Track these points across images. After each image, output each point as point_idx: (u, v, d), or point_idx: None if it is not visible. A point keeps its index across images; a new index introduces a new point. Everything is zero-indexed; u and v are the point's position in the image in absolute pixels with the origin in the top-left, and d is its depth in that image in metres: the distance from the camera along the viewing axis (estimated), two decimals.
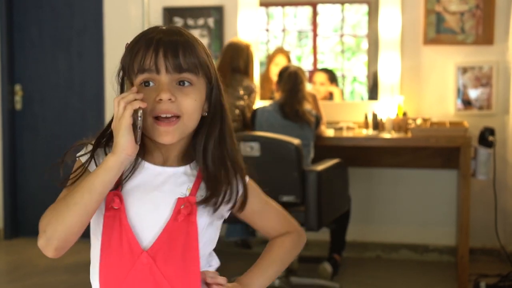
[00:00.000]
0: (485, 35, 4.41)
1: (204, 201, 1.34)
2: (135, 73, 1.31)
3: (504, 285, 3.83)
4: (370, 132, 4.30)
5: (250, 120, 4.03)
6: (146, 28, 4.06)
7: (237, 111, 4.01)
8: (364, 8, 5.00)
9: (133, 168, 1.34)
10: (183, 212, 1.32)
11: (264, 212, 1.49)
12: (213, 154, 1.36)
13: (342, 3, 5.01)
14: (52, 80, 5.14)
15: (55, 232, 1.25)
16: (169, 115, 1.29)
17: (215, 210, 1.36)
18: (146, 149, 1.36)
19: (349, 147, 4.30)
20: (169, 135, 1.30)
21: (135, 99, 1.26)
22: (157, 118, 1.30)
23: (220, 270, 1.44)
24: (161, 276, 1.30)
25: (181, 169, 1.37)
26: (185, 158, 1.38)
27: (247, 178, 1.43)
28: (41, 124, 5.17)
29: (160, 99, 1.28)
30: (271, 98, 4.64)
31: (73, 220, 1.25)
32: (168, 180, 1.35)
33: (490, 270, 4.16)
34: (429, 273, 4.27)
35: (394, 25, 4.52)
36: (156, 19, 4.81)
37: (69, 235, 1.25)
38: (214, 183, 1.35)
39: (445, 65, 4.50)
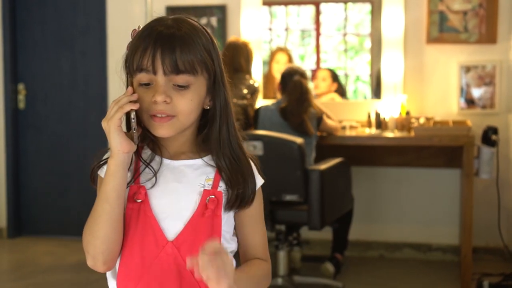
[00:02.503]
0: (488, 34, 4.41)
1: (232, 201, 1.37)
2: (134, 70, 1.33)
3: (507, 284, 3.82)
4: (373, 131, 4.30)
5: (252, 119, 4.03)
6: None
7: (239, 110, 4.01)
8: (367, 7, 5.00)
9: (149, 162, 1.36)
10: (210, 207, 1.34)
11: (256, 223, 1.45)
12: (227, 148, 1.39)
13: (345, 2, 5.01)
14: (55, 79, 5.15)
15: (95, 248, 1.29)
16: (163, 115, 1.32)
17: (238, 206, 1.38)
18: (158, 143, 1.38)
19: (352, 146, 4.30)
20: (164, 129, 1.32)
21: (128, 102, 1.28)
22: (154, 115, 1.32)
23: None
24: (185, 267, 1.31)
25: (197, 161, 1.39)
26: (198, 150, 1.40)
27: (260, 181, 1.44)
28: (44, 123, 5.17)
29: (155, 101, 1.30)
30: (274, 97, 4.65)
31: (105, 231, 1.29)
32: (185, 172, 1.37)
33: (493, 269, 4.16)
34: (432, 272, 4.27)
35: (397, 24, 4.52)
36: None
37: (110, 245, 1.29)
38: (234, 178, 1.37)
39: (448, 64, 4.50)
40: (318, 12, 5.02)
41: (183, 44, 1.31)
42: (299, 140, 3.53)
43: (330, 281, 3.91)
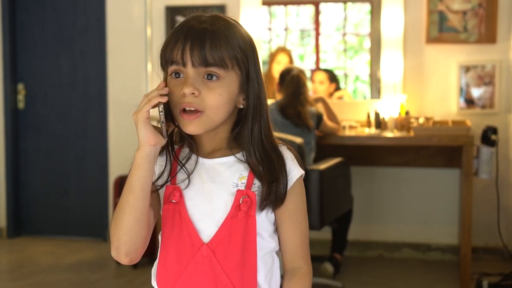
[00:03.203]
0: (488, 34, 4.41)
1: (264, 200, 1.34)
2: (166, 63, 1.34)
3: (506, 284, 3.82)
4: (372, 131, 4.30)
5: None
6: (148, 27, 4.04)
7: None
8: (367, 7, 5.00)
9: (185, 162, 1.36)
10: (243, 209, 1.33)
11: (295, 219, 1.39)
12: (258, 146, 1.36)
13: (345, 2, 5.01)
14: (55, 79, 5.15)
15: (118, 239, 1.30)
16: (192, 109, 1.30)
17: (271, 204, 1.35)
18: (194, 142, 1.38)
19: (352, 146, 4.30)
20: (192, 126, 1.31)
21: (157, 96, 1.28)
22: (184, 110, 1.31)
23: None
24: (220, 269, 1.31)
25: (230, 158, 1.37)
26: (231, 147, 1.38)
27: (298, 173, 1.40)
28: (44, 123, 5.17)
29: (184, 93, 1.29)
30: (273, 97, 4.64)
31: (128, 222, 1.29)
32: (219, 171, 1.36)
33: (492, 269, 4.16)
34: (432, 272, 4.27)
35: (396, 24, 4.52)
36: (159, 18, 4.81)
37: (132, 237, 1.30)
38: (266, 176, 1.34)
39: (448, 64, 4.50)
40: (317, 12, 5.02)
41: (213, 38, 1.30)
42: (298, 140, 3.53)
43: (329, 281, 3.91)
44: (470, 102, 4.48)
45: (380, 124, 4.30)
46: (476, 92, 4.46)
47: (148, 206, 1.31)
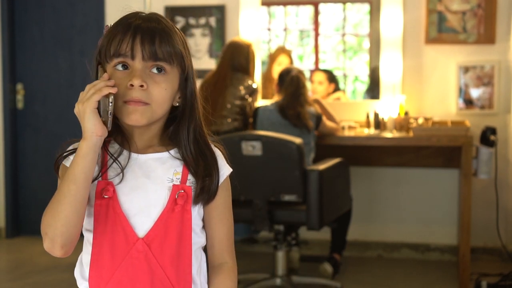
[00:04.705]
0: (487, 34, 4.41)
1: (198, 194, 1.37)
2: (111, 56, 1.34)
3: (505, 284, 3.83)
4: (371, 131, 4.30)
5: (251, 119, 4.04)
6: None
7: (237, 110, 4.01)
8: (366, 7, 5.00)
9: (117, 157, 1.36)
10: (180, 202, 1.35)
11: (223, 215, 1.43)
12: (193, 143, 1.39)
13: (344, 2, 5.01)
14: (54, 79, 5.14)
15: (55, 230, 1.27)
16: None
17: (203, 199, 1.39)
18: (125, 138, 1.38)
19: (351, 147, 4.30)
20: (137, 115, 1.32)
21: (106, 86, 1.29)
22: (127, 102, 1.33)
23: None
24: (156, 264, 1.32)
25: (164, 154, 1.39)
26: (164, 144, 1.41)
27: (228, 170, 1.44)
28: (43, 123, 5.17)
29: (132, 85, 1.31)
30: (273, 98, 4.64)
31: (67, 213, 1.27)
32: (153, 167, 1.37)
33: (491, 269, 4.16)
34: (431, 272, 4.27)
35: (396, 24, 4.52)
36: None
37: (69, 228, 1.28)
38: (200, 172, 1.38)
39: (447, 65, 4.50)
40: (316, 12, 5.02)
41: (162, 34, 1.34)
42: (297, 140, 3.53)
43: (328, 281, 3.91)
44: (469, 102, 4.48)
45: (379, 124, 4.30)
46: (475, 93, 4.46)
47: (87, 197, 1.31)
